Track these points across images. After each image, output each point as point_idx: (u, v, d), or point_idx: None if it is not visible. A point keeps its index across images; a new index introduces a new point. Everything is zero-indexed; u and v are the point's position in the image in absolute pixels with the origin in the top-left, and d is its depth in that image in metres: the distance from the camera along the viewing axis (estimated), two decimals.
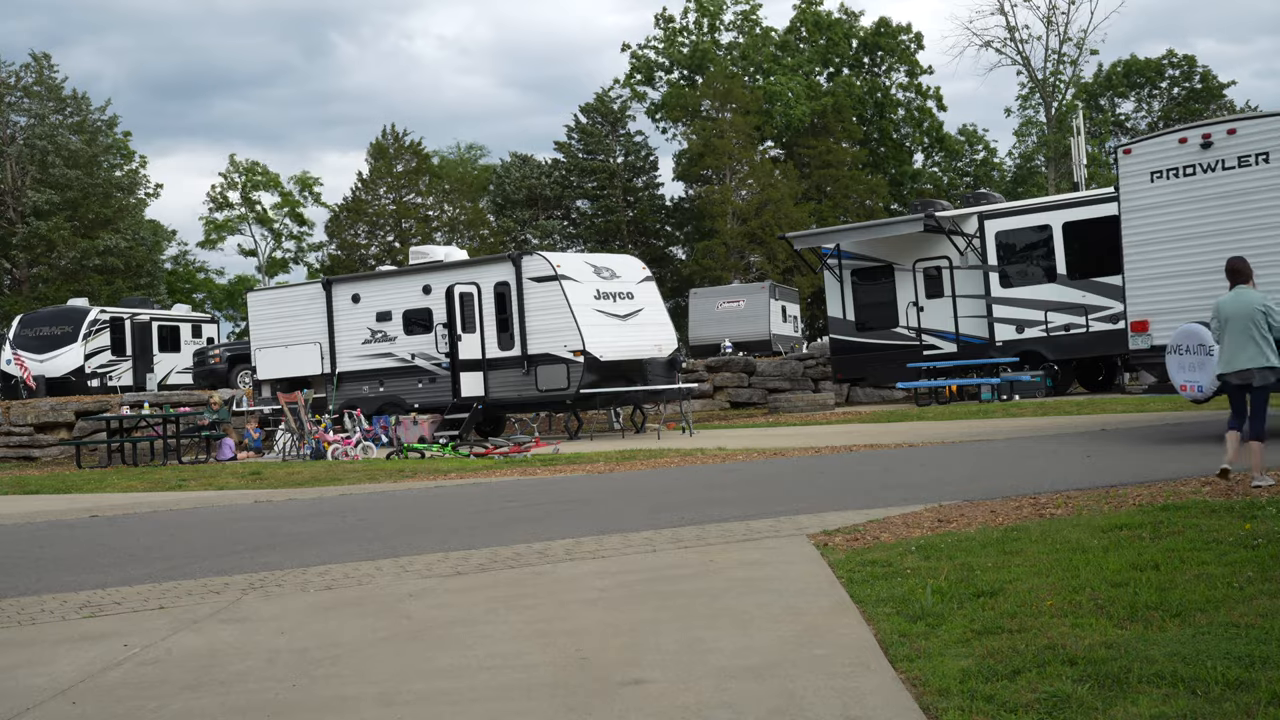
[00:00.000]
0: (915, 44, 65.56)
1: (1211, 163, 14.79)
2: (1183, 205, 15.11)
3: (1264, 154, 14.37)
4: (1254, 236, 14.36)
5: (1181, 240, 15.14)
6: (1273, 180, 14.28)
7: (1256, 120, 14.92)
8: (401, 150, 57.01)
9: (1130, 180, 15.66)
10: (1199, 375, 14.38)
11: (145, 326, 32.50)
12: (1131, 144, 15.98)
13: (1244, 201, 14.52)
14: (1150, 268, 15.60)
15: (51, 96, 50.15)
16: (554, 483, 15.06)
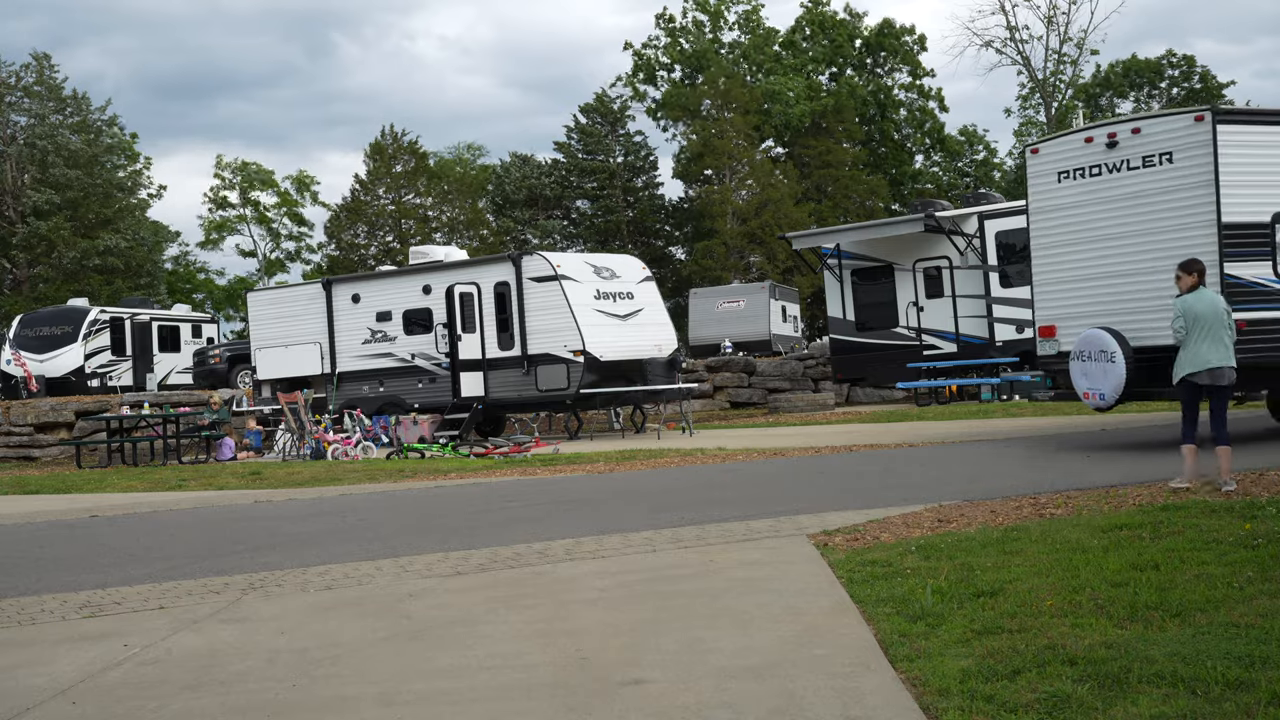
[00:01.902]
0: (918, 45, 65.59)
1: (1117, 163, 14.34)
2: (1089, 206, 14.68)
3: (1167, 154, 13.88)
4: (1158, 239, 13.92)
5: (1088, 243, 14.72)
6: (1176, 181, 13.80)
7: (1160, 119, 14.43)
8: (400, 150, 57.00)
9: (1038, 180, 15.24)
10: (1101, 382, 14.02)
11: (145, 326, 32.49)
12: (1039, 143, 15.54)
13: (1148, 203, 14.08)
14: (1057, 271, 15.16)
15: (52, 96, 50.14)
16: (554, 483, 15.06)
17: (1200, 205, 13.48)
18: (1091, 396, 14.23)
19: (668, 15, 65.32)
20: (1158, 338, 13.54)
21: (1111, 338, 13.93)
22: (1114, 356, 13.84)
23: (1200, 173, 13.48)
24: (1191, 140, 13.62)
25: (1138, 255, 14.13)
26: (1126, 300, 14.26)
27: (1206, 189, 13.39)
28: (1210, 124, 13.45)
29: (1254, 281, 13.47)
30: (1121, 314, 14.26)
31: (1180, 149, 13.74)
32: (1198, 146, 13.55)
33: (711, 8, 64.86)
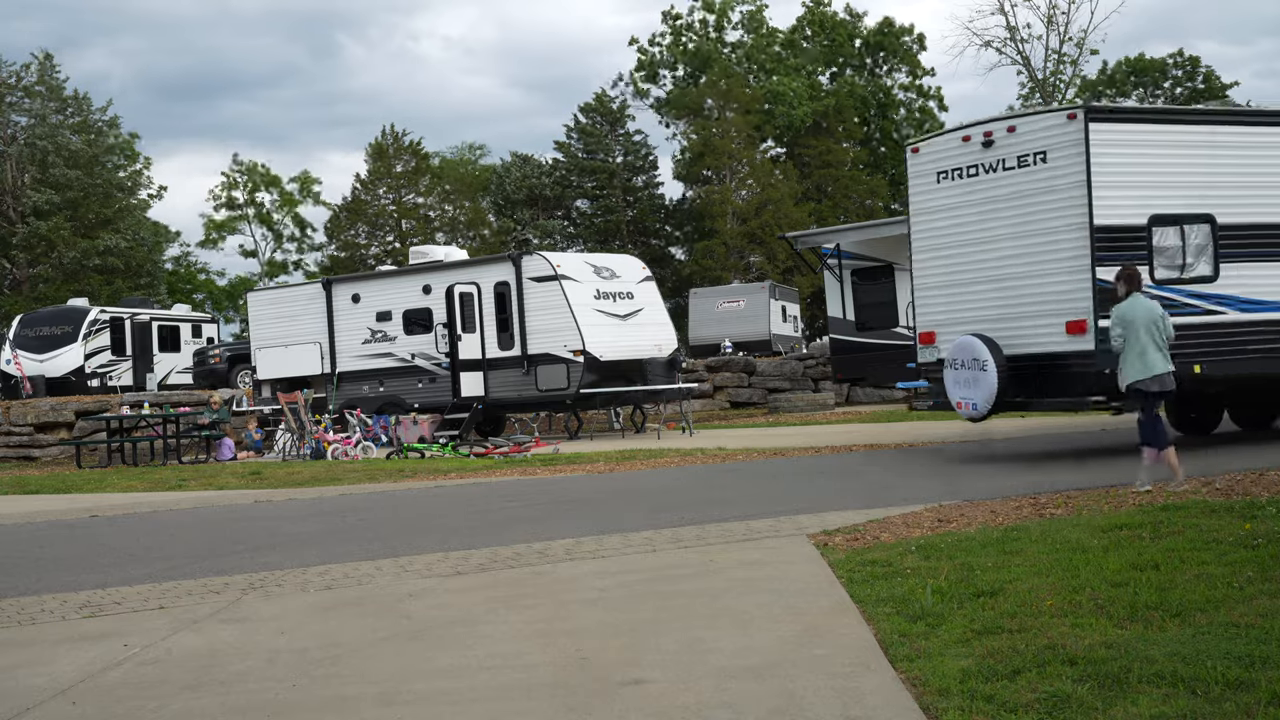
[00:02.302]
0: (918, 45, 65.61)
1: (993, 163, 13.73)
2: (967, 208, 14.07)
3: (1042, 153, 13.28)
4: (1031, 242, 13.37)
5: (965, 246, 14.13)
6: (1050, 182, 13.20)
7: (1034, 117, 13.75)
8: (401, 150, 57.00)
9: (918, 181, 14.69)
10: (974, 392, 13.55)
11: (145, 326, 32.48)
12: (919, 142, 15.00)
13: (1022, 204, 13.48)
14: (937, 275, 14.57)
15: (53, 97, 50.13)
16: (554, 483, 15.06)
17: (1072, 207, 12.92)
18: (965, 406, 13.74)
19: (674, 12, 65.35)
20: (1032, 345, 13.26)
21: (984, 345, 13.42)
22: (986, 365, 13.35)
23: (1073, 173, 12.92)
24: (1065, 139, 13.04)
25: (1011, 259, 13.59)
26: (1000, 306, 13.71)
27: (1079, 190, 12.84)
28: (1082, 122, 12.88)
29: None
30: (995, 320, 13.70)
31: (1054, 148, 13.16)
32: (1071, 146, 12.97)
33: (717, 7, 64.88)
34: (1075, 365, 12.88)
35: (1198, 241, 13.27)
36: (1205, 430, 16.40)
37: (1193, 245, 13.24)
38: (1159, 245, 13.08)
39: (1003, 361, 13.32)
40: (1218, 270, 13.33)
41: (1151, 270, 12.89)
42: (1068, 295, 12.96)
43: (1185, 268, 13.19)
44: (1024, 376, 13.39)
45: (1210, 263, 13.31)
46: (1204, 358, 13.02)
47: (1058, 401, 13.50)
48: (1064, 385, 13.18)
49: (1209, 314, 13.15)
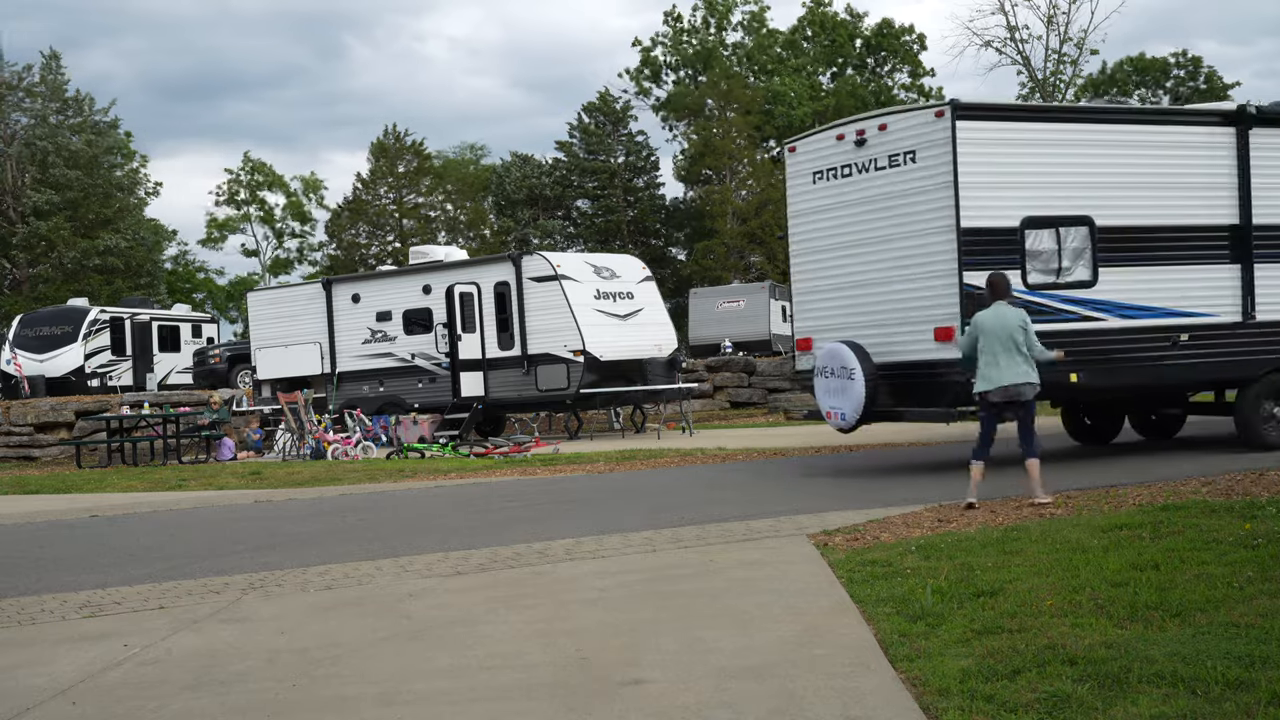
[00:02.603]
0: (918, 45, 65.63)
1: (866, 162, 13.21)
2: (840, 209, 13.58)
3: (911, 153, 12.75)
4: (900, 246, 12.92)
5: (839, 249, 13.64)
6: (919, 182, 12.67)
7: (905, 114, 13.18)
8: (403, 150, 57.01)
9: (795, 181, 14.16)
10: (843, 401, 13.09)
11: (145, 326, 32.47)
12: (796, 141, 14.41)
13: (892, 206, 12.98)
14: (812, 280, 14.08)
15: (54, 97, 50.13)
16: (554, 483, 15.06)
17: (941, 208, 12.43)
18: (834, 416, 13.31)
19: (676, 13, 65.37)
20: (902, 353, 12.84)
21: (852, 353, 13.00)
22: (853, 374, 12.91)
23: (940, 173, 12.42)
24: (933, 138, 12.53)
25: (882, 263, 13.12)
26: (870, 312, 13.27)
27: (946, 191, 12.34)
28: (949, 120, 12.34)
29: None
30: (866, 327, 13.26)
31: (922, 147, 12.65)
32: (939, 145, 12.45)
33: (719, 8, 64.91)
34: (944, 374, 12.39)
35: (1075, 245, 12.80)
36: (1103, 440, 15.96)
37: (1069, 249, 12.76)
38: (1032, 249, 12.59)
39: (871, 370, 12.89)
40: (1096, 275, 12.83)
41: (1024, 275, 12.42)
42: (936, 301, 12.47)
43: (1061, 272, 12.68)
44: (895, 385, 12.99)
45: (1089, 267, 12.82)
46: (1081, 366, 12.51)
47: (928, 412, 13.01)
48: (933, 395, 12.74)
49: (1087, 320, 12.64)
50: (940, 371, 12.44)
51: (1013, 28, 54.60)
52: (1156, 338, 13.12)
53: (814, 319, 14.06)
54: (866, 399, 12.85)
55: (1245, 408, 13.73)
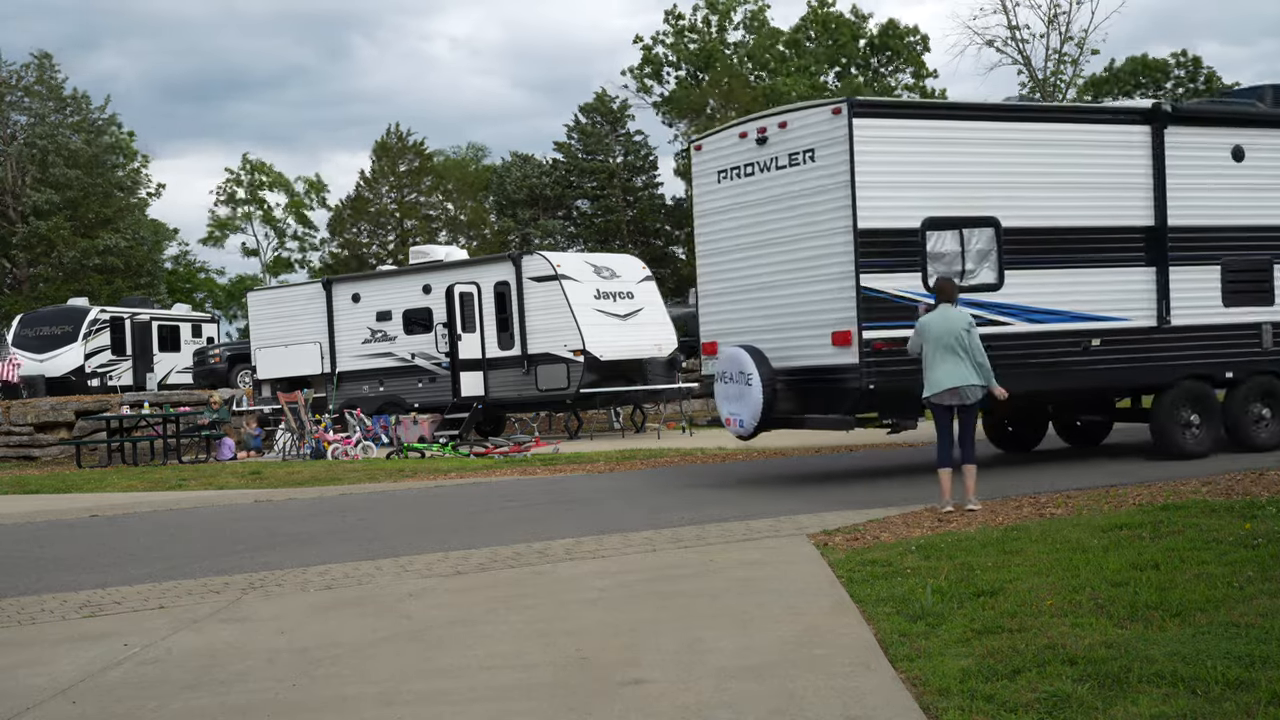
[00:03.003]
0: (922, 46, 65.68)
1: (767, 161, 12.76)
2: (743, 209, 13.14)
3: (810, 151, 12.28)
4: (798, 247, 12.47)
5: (741, 250, 13.23)
6: (818, 182, 12.22)
7: (804, 112, 12.66)
8: (404, 150, 57.02)
9: (700, 180, 13.75)
10: (741, 407, 12.69)
11: (145, 326, 32.48)
12: (701, 139, 13.97)
13: (791, 206, 12.54)
14: (717, 282, 13.67)
15: (52, 96, 50.13)
16: (554, 483, 15.06)
17: (839, 209, 11.97)
18: (732, 423, 12.92)
19: (677, 12, 65.39)
20: (801, 358, 12.48)
21: (750, 358, 12.60)
22: (751, 379, 12.51)
23: (838, 172, 11.96)
24: (831, 136, 12.06)
25: (781, 265, 12.72)
26: (771, 316, 12.88)
27: (844, 190, 11.89)
28: (847, 117, 11.89)
29: (899, 296, 11.93)
30: (766, 331, 12.88)
31: (821, 145, 12.17)
32: (836, 143, 11.99)
33: (720, 7, 64.93)
34: (841, 380, 12.04)
35: (980, 247, 12.36)
36: (1026, 447, 15.59)
37: (974, 251, 12.33)
38: (934, 250, 12.17)
39: (769, 375, 12.49)
40: (1002, 278, 12.42)
41: (925, 278, 12.03)
42: (833, 304, 12.08)
43: (966, 274, 12.20)
44: (795, 391, 12.62)
45: (994, 270, 12.41)
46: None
47: (828, 419, 12.61)
48: (832, 401, 12.36)
49: (992, 325, 12.14)
50: (838, 377, 12.08)
51: (1014, 27, 54.56)
52: (1066, 342, 12.74)
53: (718, 322, 13.67)
54: (764, 405, 12.47)
55: (1160, 415, 13.39)
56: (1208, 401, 13.53)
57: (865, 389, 11.76)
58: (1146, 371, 13.24)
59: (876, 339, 11.75)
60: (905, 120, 12.54)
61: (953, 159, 12.36)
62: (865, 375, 11.75)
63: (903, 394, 11.95)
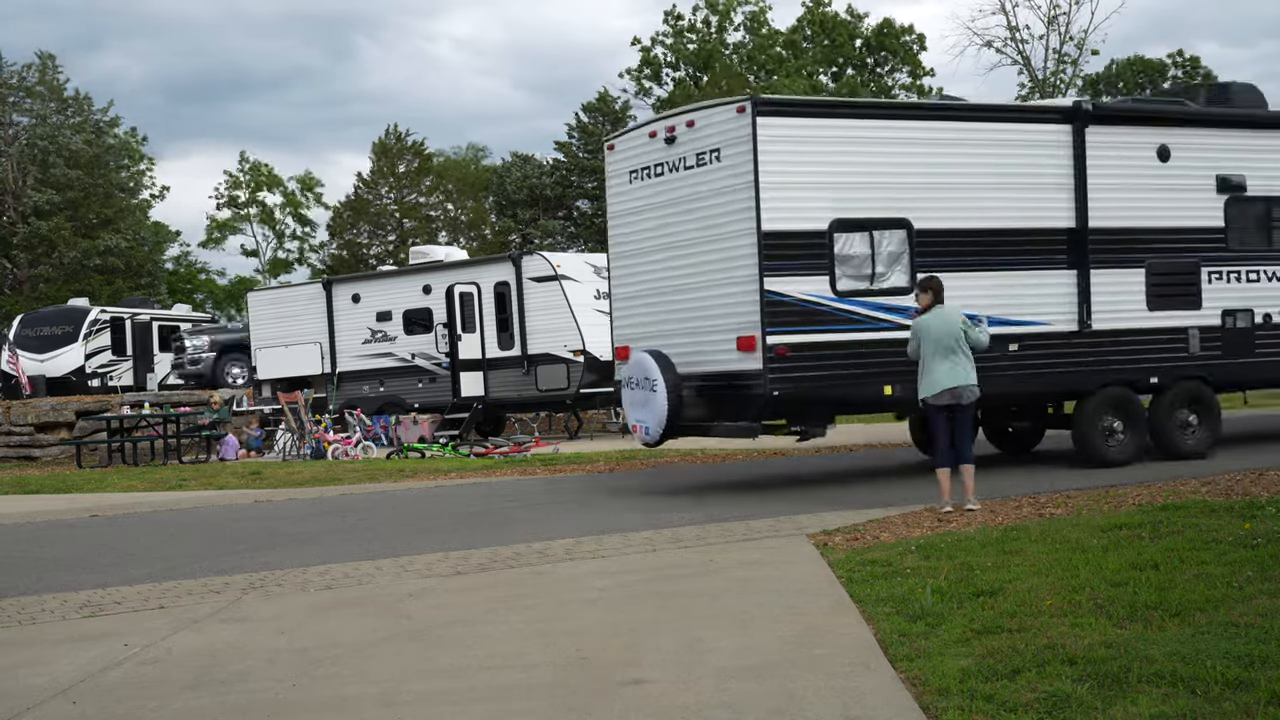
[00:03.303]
0: (918, 45, 65.68)
1: (676, 161, 12.46)
2: (653, 211, 12.86)
3: (716, 151, 11.95)
4: (704, 250, 12.17)
5: (651, 253, 12.93)
6: (723, 182, 11.88)
7: (711, 110, 12.28)
8: (404, 150, 57.03)
9: (613, 180, 13.41)
10: (646, 414, 12.35)
11: (146, 326, 32.48)
12: (615, 138, 13.68)
13: (698, 207, 12.23)
14: (629, 285, 13.37)
15: (54, 97, 50.15)
16: (554, 482, 15.06)
17: (743, 210, 11.65)
18: (639, 430, 12.64)
19: (676, 12, 65.42)
20: (708, 364, 12.16)
21: (655, 364, 12.27)
22: (656, 385, 12.17)
23: (743, 172, 11.62)
24: (735, 135, 11.73)
25: (688, 268, 12.43)
26: (678, 320, 12.57)
27: (748, 191, 11.56)
28: (750, 115, 11.54)
29: (805, 299, 11.59)
30: (674, 336, 12.57)
31: (726, 145, 11.85)
32: (741, 142, 11.65)
33: (720, 7, 64.95)
34: (747, 386, 11.69)
35: (891, 249, 12.02)
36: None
37: (885, 253, 11.99)
38: (842, 253, 11.80)
39: (674, 381, 12.16)
40: (915, 281, 11.91)
41: (833, 281, 11.72)
42: (738, 309, 11.76)
43: (876, 278, 11.90)
44: (702, 397, 12.29)
45: (906, 273, 12.04)
46: (899, 378, 11.70)
47: (734, 426, 12.28)
48: (738, 408, 12.03)
49: (905, 329, 11.60)
50: (743, 383, 11.74)
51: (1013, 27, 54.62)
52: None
53: (629, 326, 13.37)
54: (670, 412, 12.13)
55: (1082, 421, 13.04)
56: (1132, 408, 13.17)
57: (769, 395, 11.43)
58: (1068, 377, 12.90)
59: (781, 344, 11.41)
60: (812, 119, 12.19)
61: (863, 159, 12.03)
62: (769, 382, 11.42)
63: (810, 400, 11.77)
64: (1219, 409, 13.63)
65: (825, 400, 11.97)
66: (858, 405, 13.18)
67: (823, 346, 11.67)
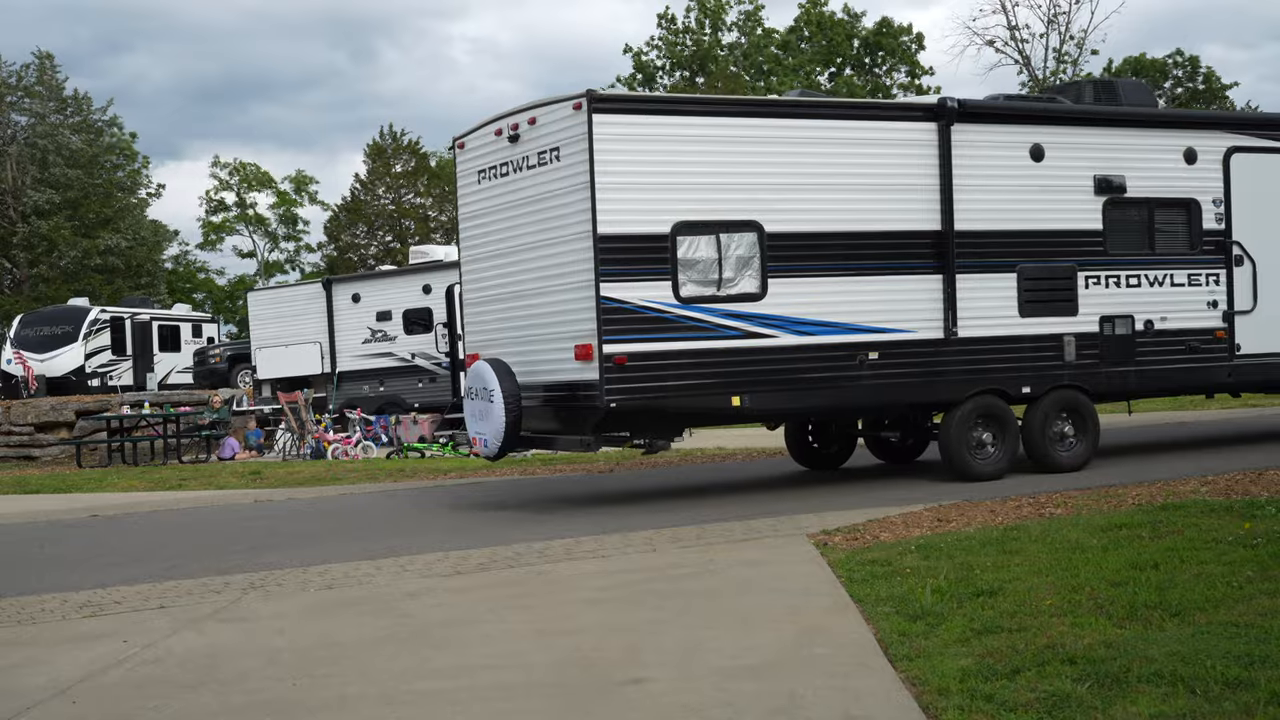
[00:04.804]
0: (916, 44, 65.65)
1: (520, 160, 11.88)
2: (498, 213, 12.30)
3: (556, 150, 11.37)
4: (542, 254, 11.65)
5: (498, 256, 12.41)
6: (562, 183, 11.29)
7: (550, 107, 11.58)
8: (399, 150, 57.00)
9: (463, 180, 12.92)
10: (485, 426, 11.86)
11: (145, 326, 32.48)
12: (464, 136, 12.97)
13: (538, 209, 11.67)
14: (477, 290, 12.90)
15: (53, 96, 50.15)
16: (554, 482, 15.07)
17: (579, 212, 11.07)
18: (479, 443, 12.21)
19: (669, 14, 65.41)
20: (548, 374, 11.60)
21: (494, 373, 11.73)
22: (493, 396, 11.65)
23: (580, 172, 11.05)
24: (573, 133, 11.14)
25: (528, 273, 11.94)
26: (521, 328, 12.09)
27: (584, 192, 10.98)
28: (587, 113, 10.96)
29: (646, 306, 11.03)
30: (515, 344, 12.10)
31: (565, 144, 11.26)
32: (578, 141, 11.05)
33: (711, 8, 64.92)
34: (585, 397, 11.15)
35: (740, 253, 11.41)
36: (831, 464, 14.54)
37: (733, 258, 11.39)
38: (687, 258, 11.20)
39: (513, 391, 11.62)
40: (765, 287, 11.45)
41: (677, 287, 11.12)
42: (576, 316, 11.22)
43: (724, 283, 11.32)
44: (544, 409, 11.80)
45: (757, 278, 11.43)
46: (748, 388, 11.33)
47: (570, 440, 11.84)
48: (576, 419, 11.52)
49: (755, 338, 11.33)
50: (581, 395, 11.18)
51: (1013, 27, 54.56)
52: (838, 356, 11.79)
53: (478, 334, 12.90)
54: (508, 424, 11.58)
55: (949, 432, 12.38)
56: (1003, 419, 12.57)
57: (607, 407, 10.87)
58: (933, 387, 12.30)
59: (619, 353, 10.84)
60: (655, 116, 11.48)
61: (710, 158, 11.40)
62: (607, 393, 10.84)
63: (651, 412, 11.28)
64: (1097, 419, 13.05)
65: (668, 412, 11.48)
66: (704, 417, 12.57)
67: (665, 356, 11.09)
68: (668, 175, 11.22)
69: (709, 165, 11.40)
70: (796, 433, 14.51)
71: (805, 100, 12.85)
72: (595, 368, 10.87)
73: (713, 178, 11.42)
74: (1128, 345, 13.07)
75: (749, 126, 11.69)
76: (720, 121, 11.63)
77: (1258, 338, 13.65)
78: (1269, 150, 13.98)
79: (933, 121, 12.31)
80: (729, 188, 11.49)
